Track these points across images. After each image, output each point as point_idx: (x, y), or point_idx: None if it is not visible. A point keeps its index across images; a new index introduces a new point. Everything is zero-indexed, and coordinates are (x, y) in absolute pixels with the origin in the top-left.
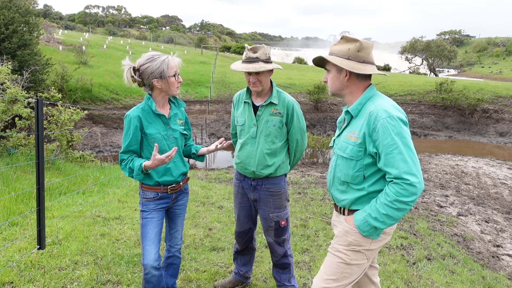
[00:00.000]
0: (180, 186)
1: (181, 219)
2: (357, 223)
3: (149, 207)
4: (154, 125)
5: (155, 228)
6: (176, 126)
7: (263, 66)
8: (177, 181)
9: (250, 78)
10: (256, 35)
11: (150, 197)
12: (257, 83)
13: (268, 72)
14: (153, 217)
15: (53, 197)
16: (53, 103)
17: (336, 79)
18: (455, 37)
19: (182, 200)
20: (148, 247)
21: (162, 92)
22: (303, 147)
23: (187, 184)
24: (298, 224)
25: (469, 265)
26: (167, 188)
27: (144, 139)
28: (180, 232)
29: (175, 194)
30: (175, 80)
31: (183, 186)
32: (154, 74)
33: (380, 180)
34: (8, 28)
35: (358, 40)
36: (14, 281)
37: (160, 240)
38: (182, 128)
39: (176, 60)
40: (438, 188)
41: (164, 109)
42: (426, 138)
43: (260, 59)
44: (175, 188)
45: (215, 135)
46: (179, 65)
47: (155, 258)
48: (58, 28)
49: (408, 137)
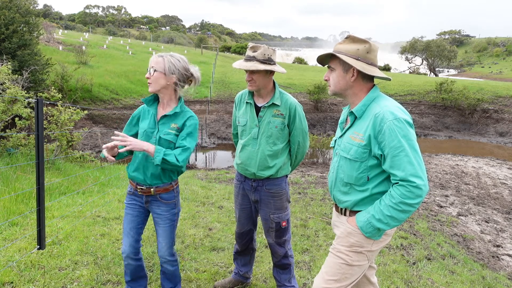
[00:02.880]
0: (151, 191)
1: (161, 229)
2: (360, 224)
3: (127, 199)
4: (146, 120)
5: (129, 223)
6: (165, 129)
7: (255, 66)
8: (148, 185)
9: (247, 76)
10: (256, 35)
11: (128, 189)
12: (251, 82)
13: (265, 73)
14: (128, 213)
15: (53, 197)
16: (53, 103)
17: (341, 78)
18: (455, 37)
19: (159, 209)
20: (124, 238)
21: None
22: (305, 149)
23: (169, 193)
24: (298, 224)
25: (469, 265)
26: (137, 187)
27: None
28: (164, 244)
29: (147, 198)
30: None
31: (158, 193)
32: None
33: (384, 181)
34: (9, 28)
35: (367, 42)
36: (14, 281)
37: (136, 235)
38: (168, 131)
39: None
40: (438, 188)
41: (164, 109)
42: (426, 138)
43: (256, 58)
44: (144, 191)
45: (215, 135)
46: (155, 59)
47: (129, 250)
48: (58, 28)
49: (414, 139)
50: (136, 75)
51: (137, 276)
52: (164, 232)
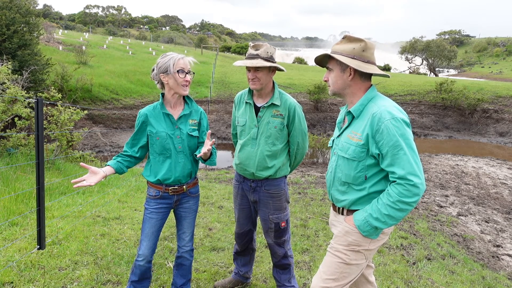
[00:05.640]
0: (183, 189)
1: (187, 221)
2: (358, 223)
3: (151, 204)
4: (162, 123)
5: (152, 227)
6: (185, 126)
7: (260, 63)
8: (180, 183)
9: (249, 74)
10: (256, 35)
11: (152, 194)
12: (255, 80)
13: (268, 71)
14: (152, 217)
15: (53, 197)
16: (53, 103)
17: (339, 78)
18: (455, 37)
19: (187, 203)
20: (143, 240)
21: (171, 90)
22: (304, 150)
23: (195, 187)
24: (298, 224)
25: (469, 265)
26: (169, 189)
27: (150, 137)
28: (188, 234)
29: (177, 197)
30: (179, 76)
31: (188, 189)
32: (161, 69)
33: (381, 180)
34: (9, 28)
35: (363, 40)
36: (14, 281)
37: (156, 238)
38: (192, 128)
39: (186, 58)
40: (438, 188)
41: (175, 109)
42: (426, 138)
43: (260, 56)
44: (176, 190)
45: (215, 135)
46: (190, 64)
47: (148, 252)
48: (58, 28)
49: (411, 138)
50: (136, 75)
51: (144, 277)
52: (189, 224)
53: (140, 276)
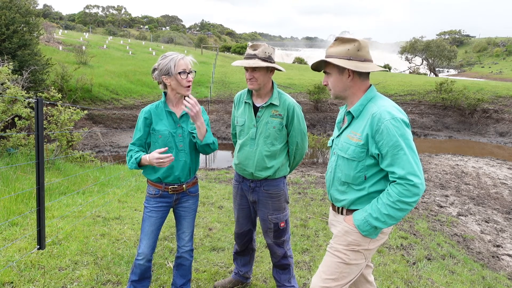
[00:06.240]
0: (183, 188)
1: (187, 221)
2: (357, 223)
3: (150, 203)
4: (164, 122)
5: (151, 226)
6: (187, 125)
7: (257, 63)
8: (180, 182)
9: (247, 74)
10: (256, 35)
11: (152, 193)
12: (252, 80)
13: (266, 71)
14: (151, 216)
15: (53, 197)
16: (53, 103)
17: (338, 81)
18: (455, 37)
19: (187, 203)
20: (143, 239)
21: (173, 90)
22: (304, 150)
23: (195, 187)
24: (298, 224)
25: (469, 265)
26: (168, 187)
27: (152, 135)
28: (187, 234)
29: (177, 196)
30: (181, 78)
31: (188, 188)
32: (162, 71)
33: (380, 180)
34: (9, 28)
35: (356, 40)
36: (14, 281)
37: (156, 236)
38: (193, 127)
39: (186, 58)
40: (438, 188)
41: (177, 107)
42: (426, 138)
43: (258, 56)
44: (176, 190)
45: (215, 135)
46: (191, 64)
47: (148, 251)
48: (58, 28)
49: (410, 138)
50: (136, 75)
51: (144, 276)
52: (188, 223)
53: (140, 276)
